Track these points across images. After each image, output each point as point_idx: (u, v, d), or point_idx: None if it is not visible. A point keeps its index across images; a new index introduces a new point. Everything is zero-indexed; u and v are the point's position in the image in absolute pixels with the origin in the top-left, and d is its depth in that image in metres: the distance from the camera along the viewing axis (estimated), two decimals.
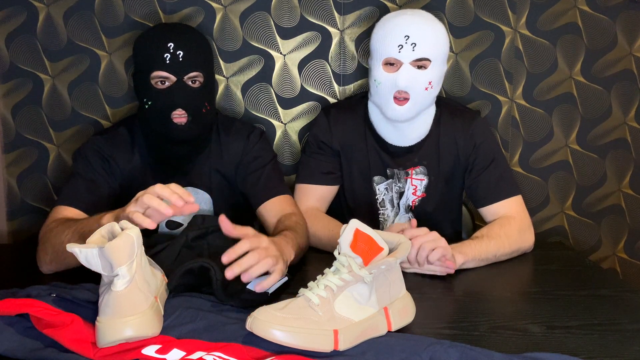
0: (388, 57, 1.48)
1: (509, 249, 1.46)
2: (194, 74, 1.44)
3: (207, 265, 1.12)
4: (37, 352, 0.94)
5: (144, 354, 0.94)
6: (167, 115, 1.43)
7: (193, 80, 1.45)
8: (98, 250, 0.94)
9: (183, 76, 1.43)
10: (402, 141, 1.59)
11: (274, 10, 1.84)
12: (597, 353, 0.99)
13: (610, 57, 1.92)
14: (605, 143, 1.98)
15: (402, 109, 1.50)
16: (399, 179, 1.63)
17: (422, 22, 1.48)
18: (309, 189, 1.64)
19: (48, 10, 1.79)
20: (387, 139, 1.60)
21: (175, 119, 1.44)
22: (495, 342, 1.02)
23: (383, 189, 1.64)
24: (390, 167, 1.63)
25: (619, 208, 2.02)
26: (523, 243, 1.50)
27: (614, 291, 1.26)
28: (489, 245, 1.42)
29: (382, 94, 1.51)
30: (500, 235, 1.45)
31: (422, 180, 1.62)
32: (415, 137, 1.59)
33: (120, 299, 0.95)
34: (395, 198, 1.64)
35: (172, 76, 1.42)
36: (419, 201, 1.64)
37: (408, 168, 1.62)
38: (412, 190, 1.63)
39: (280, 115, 1.90)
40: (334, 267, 1.03)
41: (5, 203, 1.86)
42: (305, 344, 0.94)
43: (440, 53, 1.49)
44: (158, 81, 1.42)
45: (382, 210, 1.66)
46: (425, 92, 1.49)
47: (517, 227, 1.50)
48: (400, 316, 1.06)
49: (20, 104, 1.83)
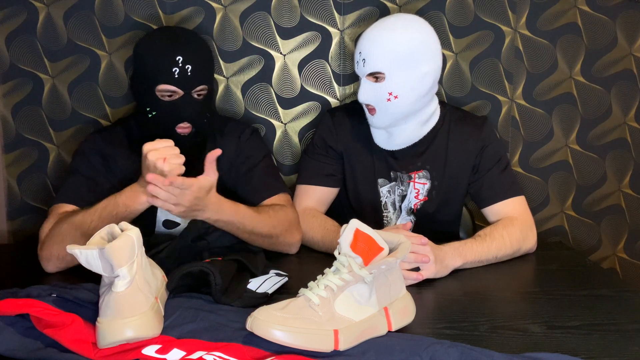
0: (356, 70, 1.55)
1: (511, 250, 1.46)
2: (201, 87, 1.45)
3: (206, 270, 1.12)
4: (37, 352, 0.94)
5: (144, 354, 0.94)
6: (172, 127, 1.45)
7: (199, 94, 1.46)
8: (98, 252, 0.94)
9: (191, 90, 1.44)
10: (391, 145, 1.60)
11: (274, 10, 1.84)
12: (597, 353, 0.99)
13: (610, 57, 1.92)
14: (605, 143, 1.98)
15: (374, 118, 1.54)
16: (402, 182, 1.63)
17: (375, 35, 1.49)
18: (308, 190, 1.64)
19: (48, 10, 1.79)
20: (376, 141, 1.61)
21: (179, 130, 1.45)
22: (495, 342, 1.02)
23: (385, 192, 1.64)
24: (394, 170, 1.63)
25: (619, 208, 2.02)
26: (525, 244, 1.50)
27: (614, 291, 1.26)
28: (490, 246, 1.43)
29: None
30: (502, 235, 1.45)
31: (424, 185, 1.62)
32: (402, 142, 1.59)
33: (120, 299, 0.95)
34: (398, 201, 1.64)
35: (180, 90, 1.43)
36: (420, 204, 1.64)
37: (411, 172, 1.63)
38: (414, 193, 1.63)
39: (280, 115, 1.90)
40: (334, 267, 1.03)
41: (5, 203, 1.86)
42: (305, 344, 0.94)
43: (395, 62, 1.47)
44: (165, 94, 1.43)
45: (385, 212, 1.66)
46: (388, 103, 1.50)
47: (520, 228, 1.50)
48: (401, 316, 1.06)
49: (20, 104, 1.82)
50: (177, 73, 1.40)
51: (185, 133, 1.45)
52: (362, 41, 1.52)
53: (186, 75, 1.41)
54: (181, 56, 1.41)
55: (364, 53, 1.49)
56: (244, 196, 1.56)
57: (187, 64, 1.41)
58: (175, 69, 1.40)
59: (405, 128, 1.56)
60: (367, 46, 1.49)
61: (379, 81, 1.49)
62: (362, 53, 1.50)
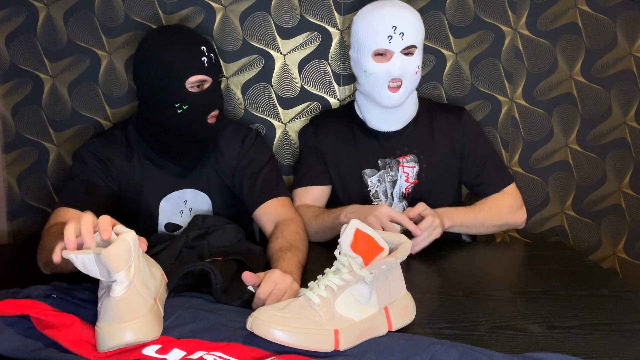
0: (378, 48, 1.55)
1: (498, 221, 1.63)
2: (220, 74, 1.52)
3: (207, 269, 1.12)
4: (37, 353, 0.94)
5: (145, 354, 0.94)
6: (204, 118, 1.47)
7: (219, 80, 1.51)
8: (95, 257, 0.92)
9: (217, 77, 1.49)
10: (393, 125, 1.67)
11: (274, 10, 1.84)
12: (597, 353, 0.99)
13: (610, 57, 1.92)
14: (605, 143, 1.98)
15: (396, 96, 1.58)
16: (391, 168, 1.67)
17: (405, 11, 1.58)
18: (303, 192, 1.70)
19: (48, 10, 1.79)
20: (378, 127, 1.67)
21: (210, 120, 1.49)
22: (495, 342, 1.02)
23: (375, 181, 1.67)
24: (381, 157, 1.67)
25: (619, 208, 2.02)
26: (513, 219, 1.66)
27: (614, 291, 1.26)
28: (478, 214, 1.59)
29: (374, 84, 1.58)
30: (491, 207, 1.62)
31: (413, 168, 1.66)
32: (405, 120, 1.68)
33: (119, 304, 0.94)
34: (389, 188, 1.67)
35: (210, 78, 1.46)
36: (412, 188, 1.67)
37: (399, 156, 1.67)
38: (404, 177, 1.67)
39: (280, 115, 1.90)
40: (334, 267, 1.03)
41: (5, 203, 1.86)
42: (305, 344, 0.94)
43: (422, 39, 1.60)
44: (195, 85, 1.44)
45: (375, 201, 1.69)
46: (415, 76, 1.59)
47: (509, 203, 1.66)
48: (401, 316, 1.06)
49: (20, 104, 1.82)
50: (206, 62, 1.44)
51: (213, 122, 1.49)
52: (394, 16, 1.54)
53: (212, 62, 1.47)
54: (204, 46, 1.46)
55: (402, 27, 1.53)
56: (245, 198, 1.56)
57: (210, 52, 1.47)
58: (204, 58, 1.44)
59: (405, 106, 1.65)
60: (403, 21, 1.54)
61: (409, 55, 1.56)
62: (397, 27, 1.53)
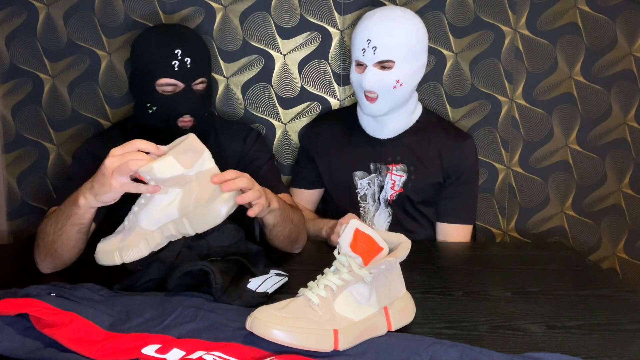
0: (357, 59, 1.59)
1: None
2: (200, 80, 1.47)
3: (207, 268, 1.12)
4: (37, 352, 0.94)
5: (144, 353, 0.94)
6: (174, 121, 1.45)
7: (198, 87, 1.47)
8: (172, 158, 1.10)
9: (191, 83, 1.45)
10: (381, 133, 1.68)
11: (274, 10, 1.84)
12: (597, 353, 0.99)
13: (610, 57, 1.92)
14: (605, 143, 1.98)
15: (373, 106, 1.59)
16: (381, 173, 1.68)
17: (385, 24, 1.54)
18: (297, 192, 1.79)
19: (48, 10, 1.79)
20: (367, 131, 1.69)
21: (181, 124, 1.46)
22: (495, 342, 1.02)
23: (365, 184, 1.70)
24: (374, 161, 1.69)
25: (619, 208, 2.01)
26: None
27: (614, 291, 1.26)
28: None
29: (356, 91, 1.63)
30: None
31: (401, 177, 1.67)
32: (398, 129, 1.67)
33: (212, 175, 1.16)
34: (377, 192, 1.69)
35: (180, 83, 1.44)
36: (396, 196, 1.69)
37: (390, 164, 1.68)
38: (390, 184, 1.68)
39: (280, 115, 1.90)
40: (334, 266, 1.03)
41: (5, 203, 1.86)
42: (305, 343, 0.94)
43: (406, 52, 1.54)
44: (165, 87, 1.43)
45: (363, 203, 1.72)
46: (394, 90, 1.57)
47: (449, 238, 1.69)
48: (400, 316, 1.06)
49: (20, 104, 1.83)
50: (177, 66, 1.42)
51: (187, 126, 1.46)
52: (371, 29, 1.54)
53: (186, 68, 1.43)
54: (180, 49, 1.42)
55: (375, 41, 1.52)
56: None
57: (186, 56, 1.43)
58: (175, 62, 1.42)
59: (397, 116, 1.65)
60: (379, 35, 1.53)
61: (386, 69, 1.55)
62: (371, 41, 1.53)
